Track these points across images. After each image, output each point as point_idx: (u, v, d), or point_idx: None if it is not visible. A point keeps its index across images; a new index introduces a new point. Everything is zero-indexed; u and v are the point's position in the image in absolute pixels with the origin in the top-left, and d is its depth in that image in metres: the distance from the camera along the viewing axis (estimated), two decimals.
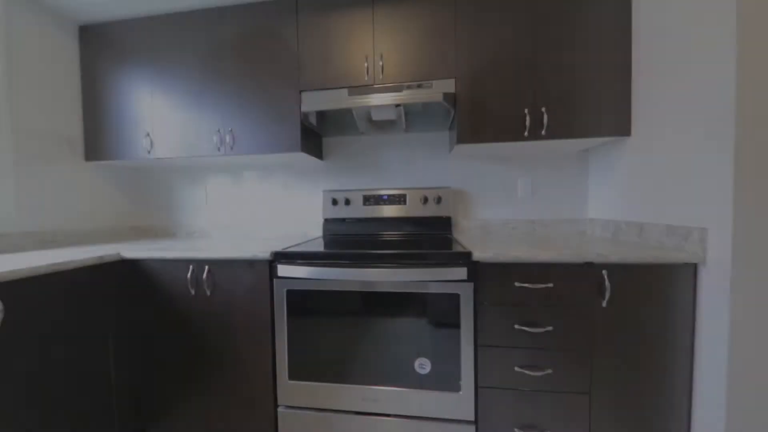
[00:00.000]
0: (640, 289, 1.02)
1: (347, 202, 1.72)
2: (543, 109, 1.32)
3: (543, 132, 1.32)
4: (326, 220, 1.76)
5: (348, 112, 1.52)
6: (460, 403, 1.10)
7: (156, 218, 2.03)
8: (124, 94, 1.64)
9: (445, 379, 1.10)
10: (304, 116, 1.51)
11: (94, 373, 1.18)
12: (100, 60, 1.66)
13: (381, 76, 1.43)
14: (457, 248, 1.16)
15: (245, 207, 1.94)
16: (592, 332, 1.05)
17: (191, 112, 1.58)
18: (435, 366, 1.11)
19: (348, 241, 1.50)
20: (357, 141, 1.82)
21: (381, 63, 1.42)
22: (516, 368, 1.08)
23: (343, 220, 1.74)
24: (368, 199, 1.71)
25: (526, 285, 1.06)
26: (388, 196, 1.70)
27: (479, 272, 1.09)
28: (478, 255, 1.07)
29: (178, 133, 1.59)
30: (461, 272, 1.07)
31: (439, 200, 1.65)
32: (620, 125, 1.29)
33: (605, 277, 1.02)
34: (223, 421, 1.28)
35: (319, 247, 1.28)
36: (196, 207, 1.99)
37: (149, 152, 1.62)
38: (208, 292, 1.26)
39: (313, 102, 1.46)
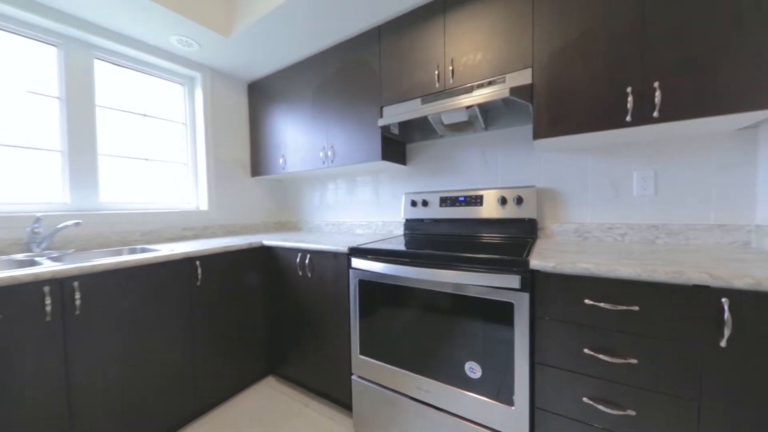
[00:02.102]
0: None
1: (425, 203, 1.81)
2: (655, 84, 1.03)
3: (655, 114, 1.04)
4: (407, 220, 1.91)
5: (424, 119, 1.62)
6: (513, 419, 1.04)
7: (291, 216, 2.70)
8: (270, 127, 2.28)
9: (496, 389, 1.07)
10: (386, 128, 1.70)
11: (247, 321, 1.75)
12: (258, 105, 2.37)
13: (451, 81, 1.46)
14: (522, 254, 1.08)
15: (348, 207, 2.31)
16: (701, 378, 0.79)
17: (306, 135, 2.04)
18: (486, 373, 1.08)
19: (418, 241, 1.60)
20: (437, 144, 1.88)
21: (451, 68, 1.45)
22: (585, 399, 0.93)
23: (422, 220, 1.84)
24: (444, 201, 1.75)
25: (600, 304, 0.90)
26: (465, 197, 1.68)
27: (539, 283, 1.00)
28: (536, 263, 0.98)
29: (299, 152, 2.09)
30: (513, 280, 1.00)
31: (519, 201, 1.52)
32: None
33: (725, 307, 0.75)
34: (318, 375, 1.64)
35: (386, 245, 1.45)
36: (315, 207, 2.52)
37: (284, 168, 2.20)
38: (310, 275, 1.63)
39: (390, 115, 1.63)
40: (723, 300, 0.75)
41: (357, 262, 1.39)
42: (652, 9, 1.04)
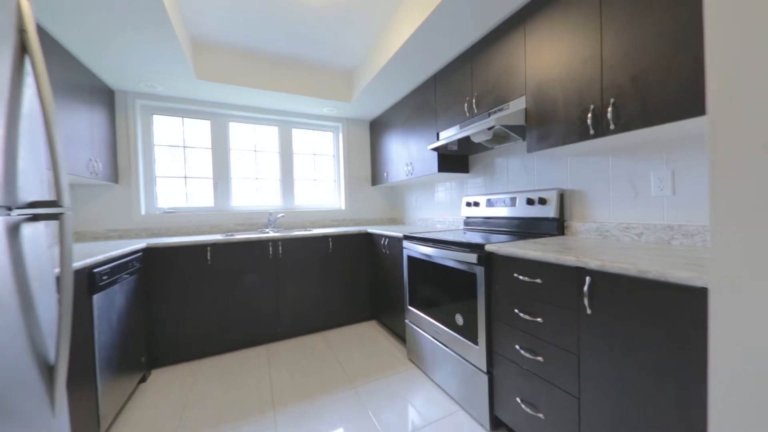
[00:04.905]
0: (631, 303, 0.90)
1: (476, 204, 2.24)
2: (611, 101, 1.20)
3: (611, 127, 1.20)
4: (466, 217, 2.38)
5: (467, 138, 2.10)
6: (478, 355, 1.48)
7: (398, 214, 3.61)
8: (381, 151, 3.27)
9: (470, 333, 1.53)
10: (443, 147, 2.27)
11: (357, 279, 2.79)
12: (375, 136, 3.41)
13: (476, 110, 1.90)
14: (485, 242, 1.48)
15: (432, 207, 2.97)
16: (578, 337, 1.05)
17: (398, 155, 2.87)
18: (465, 322, 1.56)
19: (458, 233, 2.10)
20: (489, 155, 2.25)
21: (474, 100, 1.89)
22: (516, 346, 1.29)
23: (475, 218, 2.28)
24: (489, 202, 2.13)
25: (521, 277, 1.25)
26: (503, 199, 2.02)
27: (492, 261, 1.41)
28: (488, 247, 1.40)
29: (393, 168, 2.95)
30: (473, 257, 1.45)
31: (542, 201, 1.75)
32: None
33: (586, 283, 1.01)
34: (392, 320, 2.45)
35: (420, 234, 2.06)
36: (412, 207, 3.30)
37: (386, 180, 3.13)
38: (388, 252, 2.46)
39: (442, 139, 2.20)
40: (587, 278, 1.01)
41: (406, 244, 2.10)
42: (608, 34, 1.20)
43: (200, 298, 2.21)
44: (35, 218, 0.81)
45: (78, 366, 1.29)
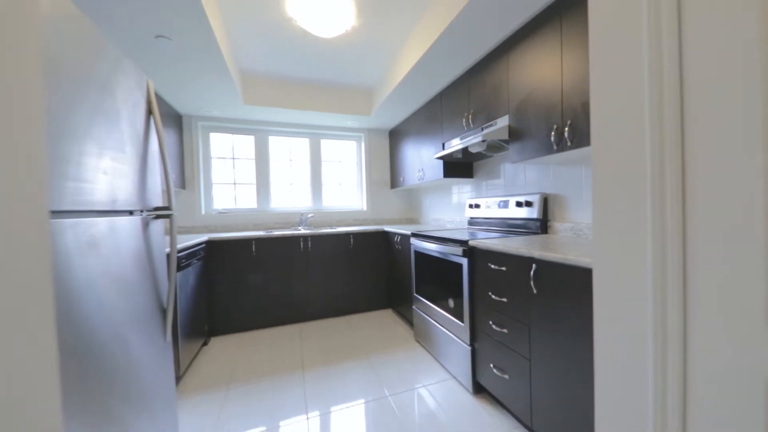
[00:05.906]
0: (560, 283, 1.19)
1: (477, 206, 2.53)
2: (569, 122, 1.47)
3: (569, 143, 1.47)
4: (469, 218, 2.67)
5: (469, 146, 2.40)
6: (463, 330, 1.79)
7: (415, 214, 3.94)
8: (398, 157, 3.63)
9: (458, 314, 1.84)
10: (449, 155, 2.59)
11: (376, 273, 3.18)
12: (393, 143, 3.78)
13: (471, 125, 2.20)
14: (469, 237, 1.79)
15: (443, 209, 3.27)
16: (530, 312, 1.34)
17: (412, 162, 3.21)
18: (455, 305, 1.88)
19: (459, 232, 2.41)
20: (491, 161, 2.52)
21: (471, 116, 2.19)
22: (489, 322, 1.60)
23: (476, 218, 2.56)
24: (487, 204, 2.40)
25: (493, 266, 1.55)
26: (498, 201, 2.29)
27: (473, 254, 1.71)
28: (471, 242, 1.71)
29: (408, 173, 3.30)
30: (459, 250, 1.77)
31: (528, 204, 2.01)
32: None
33: (533, 269, 1.30)
34: (403, 307, 2.81)
35: (424, 232, 2.39)
36: (426, 209, 3.62)
37: (402, 184, 3.48)
38: (400, 248, 2.82)
39: (447, 148, 2.52)
40: (533, 265, 1.30)
41: (413, 240, 2.44)
42: (567, 67, 1.46)
43: (247, 282, 2.74)
44: (156, 217, 1.30)
45: None
